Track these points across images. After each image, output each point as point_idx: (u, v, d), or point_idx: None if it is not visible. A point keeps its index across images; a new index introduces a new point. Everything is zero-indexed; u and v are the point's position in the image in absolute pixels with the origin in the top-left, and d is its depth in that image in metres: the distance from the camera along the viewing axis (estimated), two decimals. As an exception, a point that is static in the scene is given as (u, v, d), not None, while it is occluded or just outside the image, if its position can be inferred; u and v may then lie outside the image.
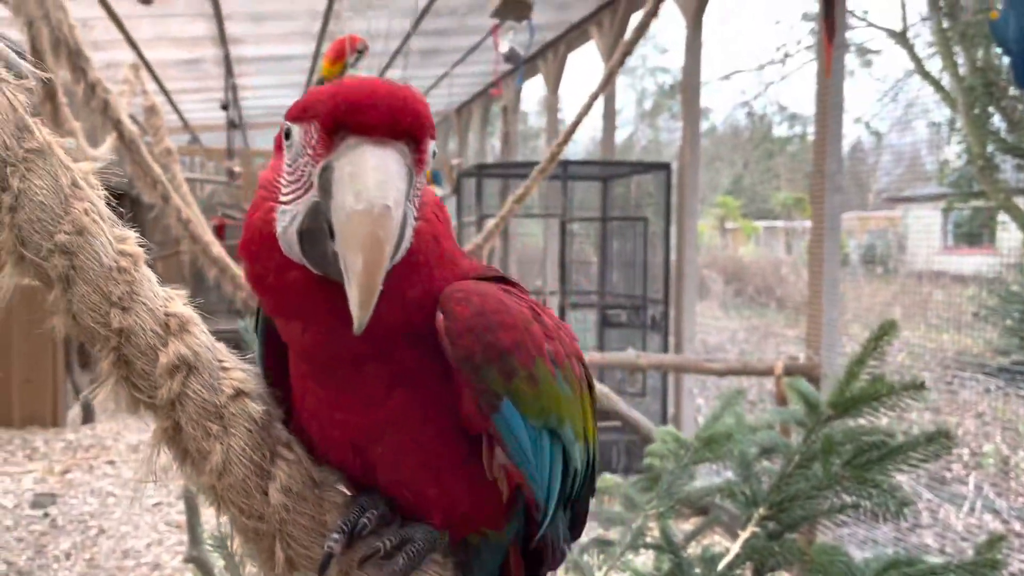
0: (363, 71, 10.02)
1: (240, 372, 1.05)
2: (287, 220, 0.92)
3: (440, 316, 0.96)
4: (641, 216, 8.94)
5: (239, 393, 1.02)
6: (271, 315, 1.02)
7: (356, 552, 0.99)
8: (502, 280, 1.08)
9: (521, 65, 9.02)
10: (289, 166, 0.94)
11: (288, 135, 0.94)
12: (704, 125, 9.32)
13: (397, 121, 0.88)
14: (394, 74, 12.94)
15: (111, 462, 8.50)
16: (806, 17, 20.71)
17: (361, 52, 6.64)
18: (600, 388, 6.57)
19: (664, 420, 8.32)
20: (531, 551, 1.17)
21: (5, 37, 1.00)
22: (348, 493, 1.07)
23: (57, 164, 1.00)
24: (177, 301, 1.04)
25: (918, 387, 2.54)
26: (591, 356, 6.70)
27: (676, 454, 2.79)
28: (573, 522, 1.25)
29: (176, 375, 0.98)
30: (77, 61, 5.27)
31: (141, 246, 1.04)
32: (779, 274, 20.21)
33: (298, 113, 0.93)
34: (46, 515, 6.91)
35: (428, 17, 9.35)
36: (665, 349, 8.34)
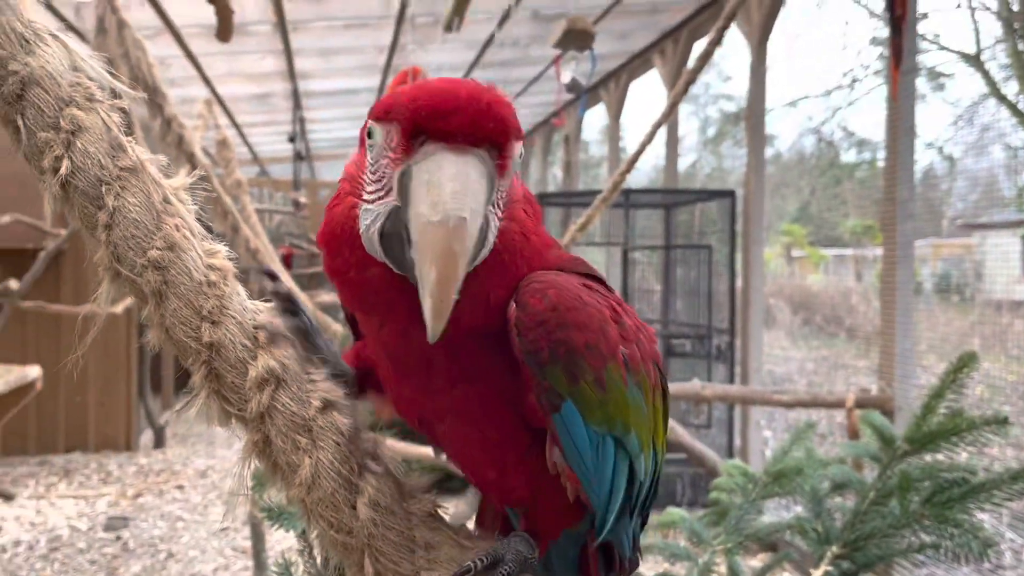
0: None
1: (327, 384, 1.05)
2: (369, 219, 0.92)
3: (513, 305, 0.95)
4: (705, 244, 8.82)
5: (327, 405, 1.02)
6: (348, 307, 1.03)
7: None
8: (588, 275, 1.05)
9: (583, 95, 9.04)
10: (372, 165, 0.93)
11: (371, 134, 0.93)
12: (769, 152, 9.19)
13: (478, 128, 0.86)
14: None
15: (180, 487, 8.68)
16: (875, 41, 20.33)
17: (423, 85, 6.72)
18: (664, 419, 6.45)
19: (730, 452, 8.14)
20: (607, 547, 1.13)
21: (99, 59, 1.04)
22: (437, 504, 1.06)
23: (149, 181, 1.02)
24: (265, 314, 1.06)
25: (1000, 422, 2.44)
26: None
27: (744, 488, 2.71)
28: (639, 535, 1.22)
29: (265, 388, 0.99)
30: (154, 98, 5.46)
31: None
32: (849, 303, 19.66)
33: (380, 114, 0.92)
34: (118, 538, 7.08)
35: (491, 48, 9.47)
36: (731, 380, 8.17)
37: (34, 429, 9.79)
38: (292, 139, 11.22)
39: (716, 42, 5.34)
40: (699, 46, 9.48)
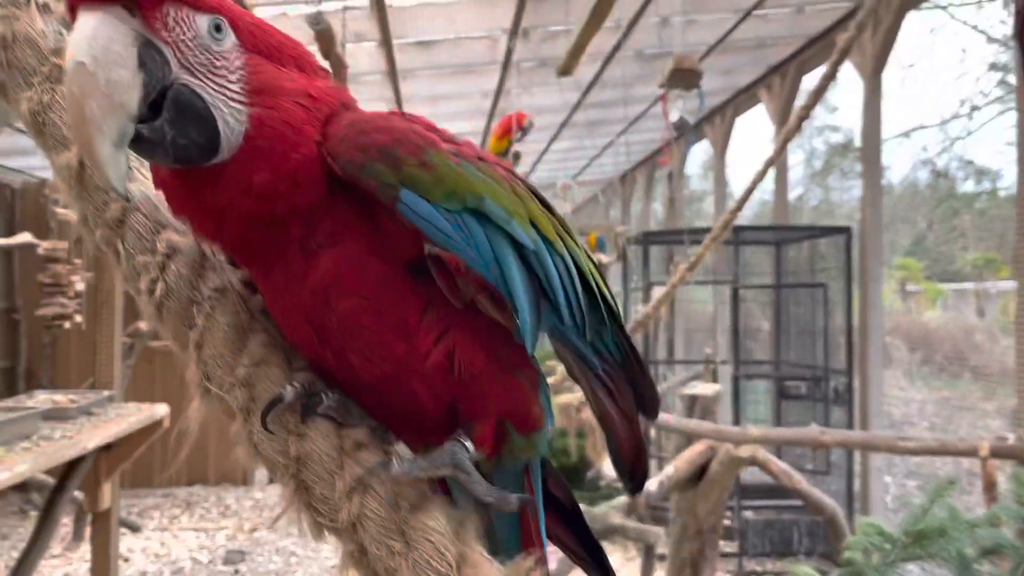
0: (529, 143, 10.29)
1: (413, 478, 1.01)
2: None
3: (325, 147, 0.97)
4: (819, 283, 8.50)
5: (415, 505, 0.99)
6: (199, 239, 1.02)
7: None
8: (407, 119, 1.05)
9: (691, 134, 8.95)
10: None
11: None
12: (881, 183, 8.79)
13: None
14: (561, 145, 13.22)
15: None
16: (994, 67, 19.39)
17: (526, 129, 6.82)
18: (779, 465, 6.22)
19: (850, 500, 7.76)
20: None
21: None
22: None
23: (237, 300, 1.04)
24: (351, 426, 1.04)
25: None
26: (767, 432, 6.38)
27: (881, 548, 2.56)
28: (641, 398, 1.16)
29: (354, 496, 0.98)
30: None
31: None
32: (972, 341, 18.54)
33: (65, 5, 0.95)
34: (236, 572, 7.30)
35: (594, 89, 9.51)
36: (850, 424, 7.81)
37: (159, 463, 10.28)
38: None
39: (830, 77, 5.20)
40: (809, 80, 9.27)
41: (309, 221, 0.98)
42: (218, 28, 0.93)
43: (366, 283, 1.00)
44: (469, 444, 1.02)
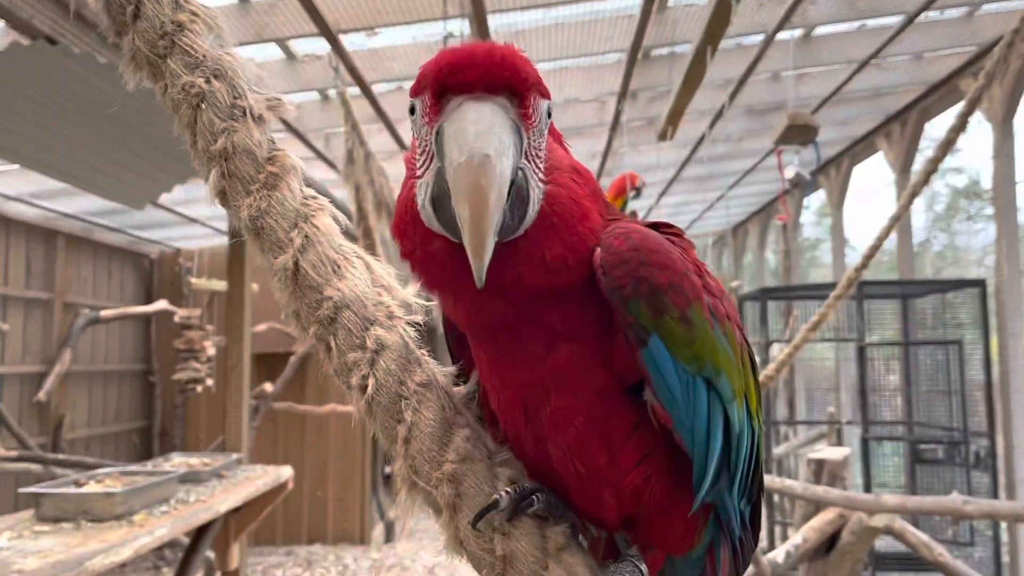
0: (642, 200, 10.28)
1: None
2: (423, 192, 0.95)
3: (598, 250, 0.98)
4: (953, 339, 8.06)
5: None
6: (428, 290, 1.03)
7: None
8: (671, 232, 1.08)
9: (808, 188, 8.77)
10: (417, 140, 0.99)
11: (412, 111, 0.99)
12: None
13: (494, 77, 0.91)
14: (671, 199, 13.16)
15: (410, 583, 8.94)
16: None
17: (639, 189, 6.83)
18: (918, 535, 5.86)
19: (998, 572, 7.20)
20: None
21: None
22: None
23: (441, 394, 1.07)
24: (553, 523, 1.04)
25: None
26: (904, 501, 6.02)
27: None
28: (749, 522, 1.17)
29: None
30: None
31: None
32: None
33: (414, 89, 0.98)
34: (355, 633, 7.35)
35: (704, 145, 9.47)
36: (994, 489, 7.29)
37: (281, 521, 10.55)
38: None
39: (959, 129, 5.03)
40: (931, 127, 8.96)
41: (565, 306, 1.00)
42: (549, 113, 1.00)
43: (589, 386, 1.02)
44: (644, 567, 1.05)
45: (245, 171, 1.09)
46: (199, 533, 5.86)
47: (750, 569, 6.25)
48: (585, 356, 1.01)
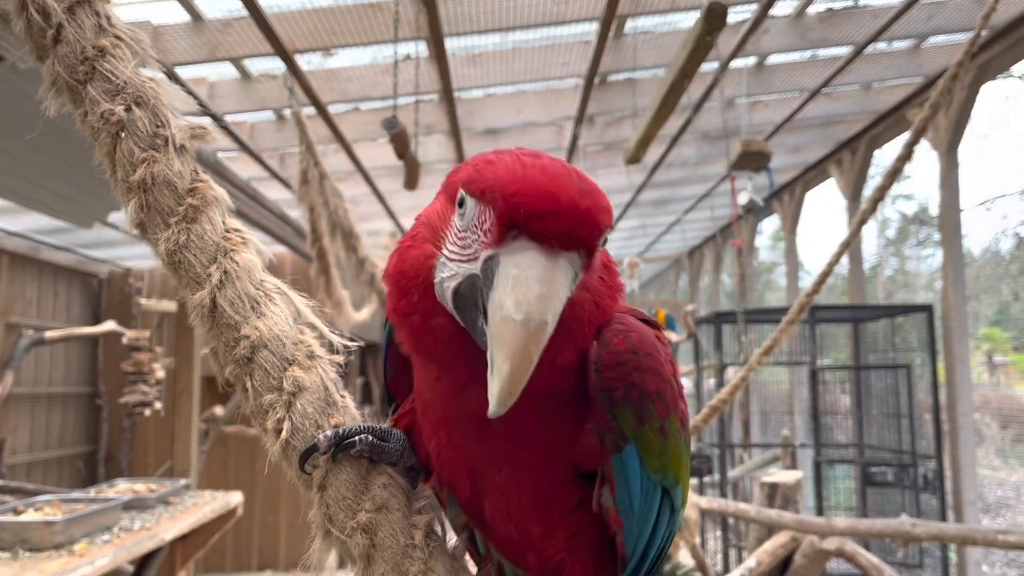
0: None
1: None
2: (446, 273, 0.91)
3: (595, 344, 0.95)
4: (903, 363, 8.21)
5: None
6: (406, 351, 0.99)
7: None
8: (653, 325, 1.05)
9: (761, 214, 8.89)
10: (459, 229, 0.92)
11: (462, 203, 0.92)
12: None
13: (574, 236, 0.85)
14: (627, 223, 13.25)
15: (363, 610, 8.77)
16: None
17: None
18: (869, 558, 5.91)
19: (946, 595, 7.30)
20: None
21: None
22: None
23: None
24: (468, 572, 1.02)
25: None
26: (855, 524, 6.08)
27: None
28: None
29: None
30: (349, 240, 5.86)
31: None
32: (1069, 417, 17.56)
33: (476, 192, 0.90)
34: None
35: (660, 170, 9.56)
36: (942, 511, 7.40)
37: (231, 547, 10.30)
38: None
39: (905, 159, 5.13)
40: (880, 154, 9.16)
41: (545, 397, 0.96)
42: (605, 240, 0.95)
43: (543, 469, 1.01)
44: None
45: (164, 203, 1.05)
46: (143, 562, 5.69)
47: (705, 593, 6.26)
48: (547, 443, 0.99)
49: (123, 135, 1.05)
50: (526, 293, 0.82)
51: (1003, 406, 19.93)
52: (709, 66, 7.10)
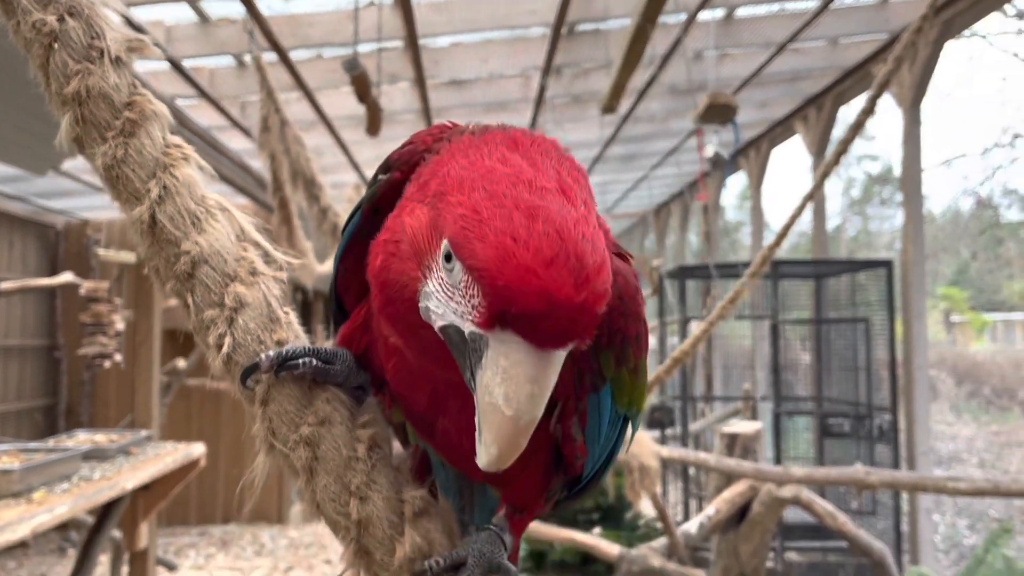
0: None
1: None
2: (432, 305, 0.85)
3: None
4: (861, 317, 8.35)
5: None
6: (389, 333, 0.96)
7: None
8: (625, 255, 1.06)
9: (727, 167, 8.91)
10: (446, 278, 0.83)
11: (448, 258, 0.83)
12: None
13: (568, 334, 0.79)
14: (595, 179, 13.23)
15: (328, 561, 8.85)
16: (1035, 94, 19.11)
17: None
18: (824, 506, 6.07)
19: (898, 540, 7.53)
20: None
21: None
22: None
23: None
24: (412, 484, 1.02)
25: None
26: (811, 473, 6.23)
27: (935, 602, 2.46)
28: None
29: (413, 566, 0.96)
30: (311, 189, 5.77)
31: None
32: (1021, 373, 18.06)
33: (463, 261, 0.81)
34: (271, 612, 7.25)
35: (627, 124, 9.52)
36: (896, 462, 7.61)
37: (195, 500, 10.30)
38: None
39: (869, 112, 5.15)
40: (845, 111, 9.20)
41: None
42: None
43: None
44: (507, 538, 1.04)
45: (101, 117, 1.01)
46: (104, 512, 5.66)
47: (664, 540, 6.40)
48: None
49: (56, 46, 1.01)
50: (516, 391, 0.78)
51: (959, 363, 20.44)
52: (677, 17, 7.06)
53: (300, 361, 0.99)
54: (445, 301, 0.84)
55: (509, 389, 0.78)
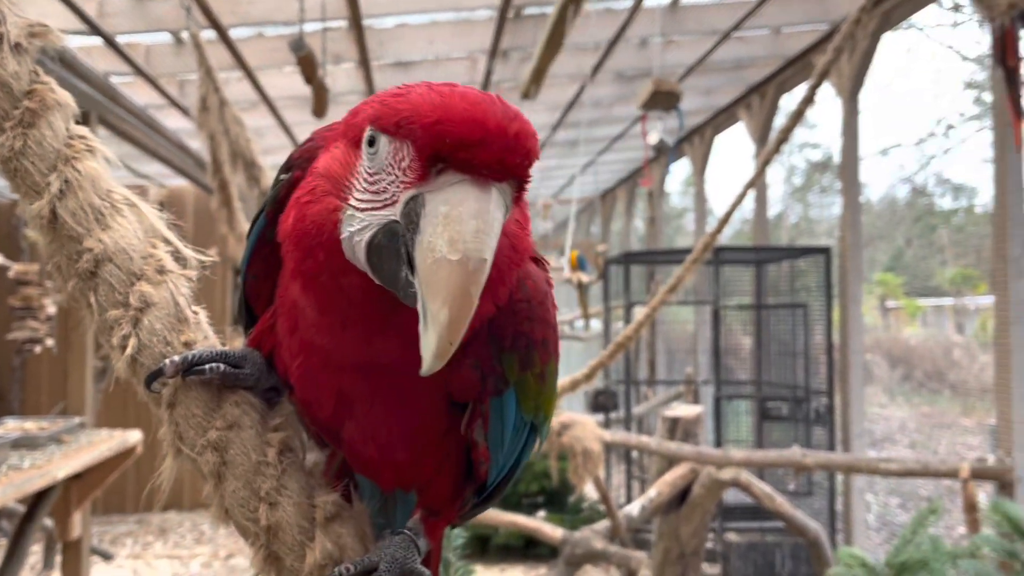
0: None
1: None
2: (355, 226, 0.84)
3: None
4: (800, 303, 8.53)
5: None
6: (309, 303, 0.92)
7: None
8: (542, 265, 1.05)
9: (671, 153, 8.99)
10: (369, 175, 0.84)
11: (372, 142, 0.84)
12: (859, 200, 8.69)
13: (506, 164, 0.79)
14: (540, 164, 13.21)
15: (271, 547, 8.75)
16: (970, 86, 19.69)
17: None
18: (762, 487, 6.21)
19: (832, 520, 7.75)
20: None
21: None
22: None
23: None
24: (324, 489, 1.00)
25: None
26: (750, 455, 6.36)
27: (864, 583, 2.54)
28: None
29: (324, 572, 0.94)
30: (251, 171, 5.66)
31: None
32: (951, 357, 18.69)
33: (389, 127, 0.82)
34: (211, 601, 7.15)
35: (574, 110, 9.53)
36: (831, 444, 7.82)
37: (133, 488, 10.07)
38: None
39: (809, 101, 5.24)
40: (787, 99, 9.35)
41: None
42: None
43: (420, 402, 0.99)
44: (422, 542, 1.02)
45: (-2, 106, 0.96)
46: (35, 502, 5.51)
47: (607, 523, 6.48)
48: (429, 380, 0.93)
49: (-51, 31, 0.95)
50: (461, 230, 0.76)
51: (893, 348, 21.06)
52: (624, 3, 7.07)
53: (207, 367, 0.95)
54: (370, 202, 0.84)
55: (453, 232, 0.76)
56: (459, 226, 0.76)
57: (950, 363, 18.32)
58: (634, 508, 6.25)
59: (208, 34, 6.10)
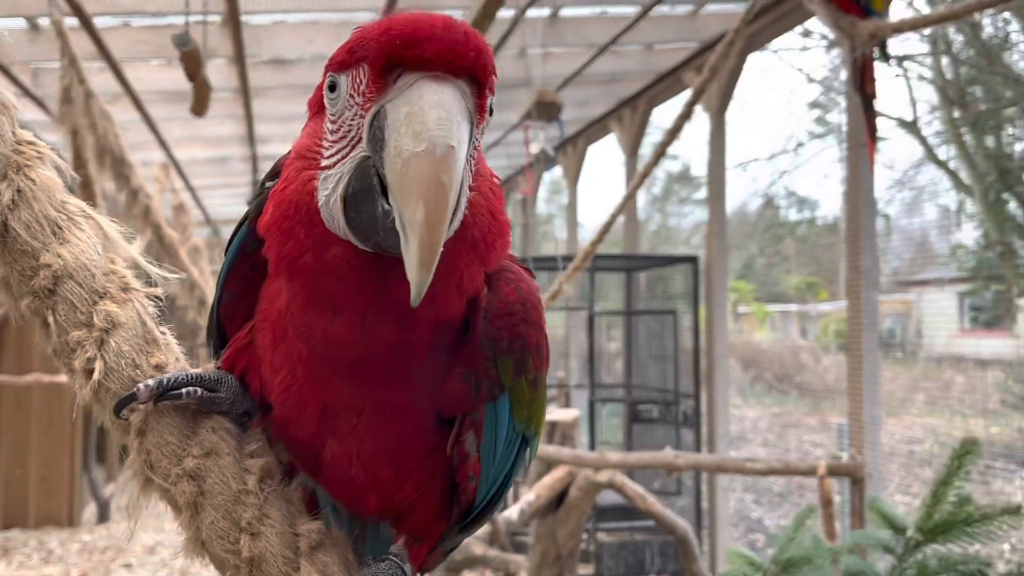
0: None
1: None
2: (330, 185, 0.83)
3: (486, 290, 0.93)
4: (670, 309, 8.88)
5: None
6: (301, 301, 0.89)
7: None
8: (531, 274, 1.07)
9: (551, 164, 9.15)
10: (333, 122, 0.84)
11: (333, 87, 0.84)
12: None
13: (457, 55, 0.79)
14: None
15: (127, 565, 8.27)
16: (813, 106, 21.12)
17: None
18: (635, 488, 6.41)
19: (698, 517, 8.11)
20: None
21: None
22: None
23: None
24: (306, 516, 0.97)
25: (1014, 511, 2.46)
26: (625, 457, 6.56)
27: (752, 580, 2.68)
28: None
29: None
30: (121, 168, 5.36)
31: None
32: (798, 360, 19.96)
33: (344, 57, 0.83)
34: (64, 625, 6.69)
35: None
36: (698, 444, 8.18)
37: (-29, 506, 9.28)
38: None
39: (685, 117, 5.47)
40: (657, 113, 9.72)
41: (431, 335, 0.90)
42: (492, 111, 0.86)
43: (408, 415, 0.96)
44: (408, 567, 1.00)
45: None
46: None
47: (487, 527, 6.51)
48: (418, 387, 0.94)
49: None
50: (423, 120, 0.75)
51: (745, 351, 22.25)
52: (505, 13, 7.14)
53: (183, 391, 0.90)
54: (338, 148, 0.83)
55: (416, 125, 0.75)
56: (421, 118, 0.76)
57: (798, 366, 19.57)
58: (513, 512, 6.31)
59: (70, 21, 5.71)
